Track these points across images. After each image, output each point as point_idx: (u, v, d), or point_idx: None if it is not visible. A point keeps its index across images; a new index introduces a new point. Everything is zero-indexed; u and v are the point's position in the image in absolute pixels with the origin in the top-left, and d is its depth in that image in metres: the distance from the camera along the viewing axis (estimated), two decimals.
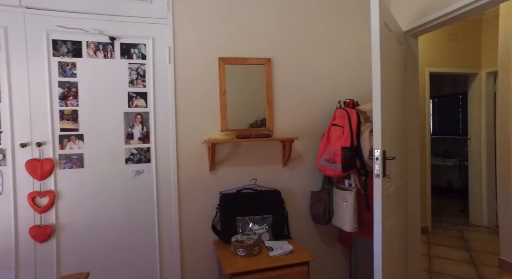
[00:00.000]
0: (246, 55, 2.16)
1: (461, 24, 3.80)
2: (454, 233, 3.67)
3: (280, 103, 2.22)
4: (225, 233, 1.99)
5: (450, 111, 5.99)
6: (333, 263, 2.35)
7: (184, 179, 2.06)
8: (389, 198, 1.78)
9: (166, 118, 2.02)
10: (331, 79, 2.32)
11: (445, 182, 5.75)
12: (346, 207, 1.99)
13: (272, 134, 2.18)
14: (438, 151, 6.15)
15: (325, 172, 2.04)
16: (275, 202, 2.08)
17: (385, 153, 1.68)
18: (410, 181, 2.38)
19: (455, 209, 4.71)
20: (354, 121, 1.97)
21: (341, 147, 1.94)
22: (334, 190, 2.13)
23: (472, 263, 2.88)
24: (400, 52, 2.17)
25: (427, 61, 3.69)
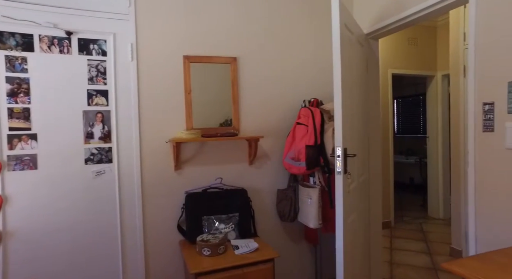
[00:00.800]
0: (212, 53, 2.15)
1: (419, 29, 4.03)
2: (414, 226, 3.88)
3: (246, 102, 2.23)
4: (190, 233, 1.97)
5: (412, 111, 6.32)
6: (299, 259, 2.40)
7: (148, 179, 2.01)
8: (350, 194, 1.85)
9: (129, 117, 1.96)
10: (297, 79, 2.37)
11: (408, 178, 6.07)
12: (311, 204, 2.04)
13: (238, 133, 2.19)
14: (402, 149, 6.47)
15: (290, 170, 2.08)
16: (242, 201, 2.09)
17: (346, 150, 1.75)
18: (372, 177, 2.49)
19: (416, 203, 4.98)
20: (317, 120, 2.03)
21: (305, 146, 1.98)
22: (299, 187, 2.17)
23: (429, 253, 3.07)
24: (361, 54, 2.26)
25: (389, 63, 3.87)
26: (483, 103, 1.58)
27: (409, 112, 6.40)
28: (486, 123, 1.57)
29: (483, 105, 1.58)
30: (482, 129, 1.58)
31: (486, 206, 1.58)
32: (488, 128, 1.56)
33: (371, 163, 2.47)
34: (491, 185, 1.55)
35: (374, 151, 2.50)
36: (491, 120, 1.55)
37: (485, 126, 1.57)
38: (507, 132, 1.47)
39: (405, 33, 3.94)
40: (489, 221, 1.57)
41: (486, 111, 1.57)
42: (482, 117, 1.59)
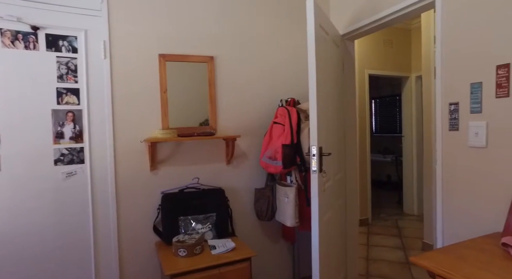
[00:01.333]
0: (189, 52, 2.12)
1: (394, 31, 4.15)
2: (390, 222, 4.00)
3: (223, 101, 2.22)
4: (167, 234, 1.94)
5: (389, 111, 6.51)
6: (277, 257, 2.42)
7: (123, 179, 1.96)
8: (326, 192, 1.88)
9: (102, 116, 1.91)
10: (274, 78, 2.38)
11: (385, 176, 6.25)
12: (288, 203, 2.06)
13: (216, 132, 2.17)
14: (379, 148, 6.65)
15: (268, 169, 2.09)
16: (219, 201, 2.08)
17: (321, 149, 1.77)
18: (348, 176, 2.54)
19: (392, 200, 5.13)
20: (294, 119, 2.05)
21: (282, 145, 2.00)
22: (276, 186, 2.19)
23: (403, 248, 3.17)
24: (337, 54, 2.30)
25: (366, 64, 3.96)
26: (449, 103, 1.65)
27: (386, 112, 6.58)
28: (452, 122, 1.64)
29: (449, 105, 1.65)
30: (448, 128, 1.65)
31: (451, 202, 1.65)
32: (454, 127, 1.63)
33: (347, 161, 2.53)
34: (456, 181, 1.62)
35: (350, 150, 2.55)
36: (456, 119, 1.61)
37: (451, 125, 1.64)
38: (469, 131, 1.54)
39: (381, 35, 4.05)
40: (454, 216, 1.64)
41: (451, 111, 1.64)
42: (448, 116, 1.65)
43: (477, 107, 1.52)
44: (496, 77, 1.44)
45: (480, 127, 1.50)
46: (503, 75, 1.42)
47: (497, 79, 1.44)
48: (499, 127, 1.43)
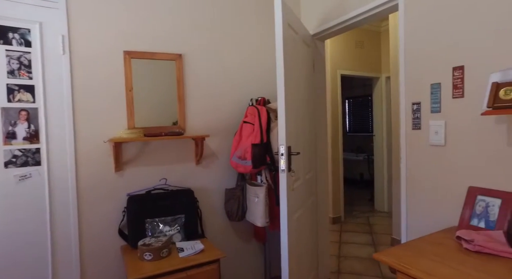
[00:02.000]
0: (156, 49, 2.05)
1: (365, 33, 4.26)
2: (362, 220, 4.10)
3: (192, 100, 2.17)
4: (133, 237, 1.87)
5: (362, 111, 6.68)
6: (249, 257, 2.40)
7: (86, 182, 1.87)
8: (295, 191, 1.88)
9: (61, 115, 1.80)
10: (244, 77, 2.36)
11: (358, 174, 6.41)
12: (258, 202, 2.04)
13: (184, 132, 2.12)
14: (353, 147, 6.81)
15: (237, 169, 2.07)
16: (188, 202, 2.02)
17: (290, 149, 1.77)
18: (320, 175, 2.57)
19: (365, 198, 5.27)
20: (264, 119, 2.04)
21: (251, 144, 1.98)
22: (247, 186, 2.17)
23: (373, 244, 3.25)
24: (308, 54, 2.32)
25: (338, 65, 4.04)
26: (412, 102, 1.70)
27: (359, 112, 6.75)
28: (414, 121, 1.69)
29: (412, 104, 1.70)
30: (412, 127, 1.70)
31: (415, 198, 1.70)
32: (416, 126, 1.68)
33: (318, 161, 2.55)
34: (419, 178, 1.67)
35: (322, 149, 2.58)
36: (419, 118, 1.66)
37: (414, 124, 1.69)
38: (430, 129, 1.60)
39: (352, 36, 4.14)
40: (417, 212, 1.69)
41: (414, 110, 1.69)
42: (411, 116, 1.70)
43: (437, 107, 1.58)
44: (453, 78, 1.50)
45: (439, 126, 1.56)
46: (458, 77, 1.48)
47: (453, 80, 1.50)
48: (456, 126, 1.49)
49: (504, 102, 1.18)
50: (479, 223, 1.35)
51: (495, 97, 1.21)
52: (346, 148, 6.79)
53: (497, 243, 1.20)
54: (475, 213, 1.38)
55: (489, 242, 1.19)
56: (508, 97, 1.17)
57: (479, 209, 1.38)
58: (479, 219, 1.36)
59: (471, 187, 1.43)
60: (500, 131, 1.33)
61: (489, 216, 1.34)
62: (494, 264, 1.08)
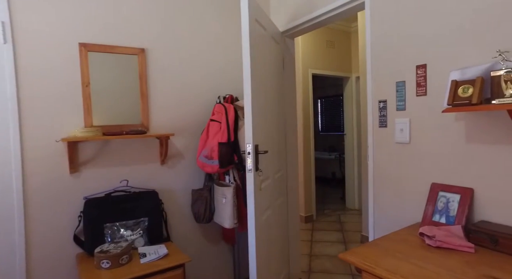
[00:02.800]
0: (116, 43, 1.93)
1: (336, 33, 4.32)
2: (334, 218, 4.15)
3: (157, 97, 2.06)
4: (90, 244, 1.74)
5: (334, 110, 6.79)
6: (218, 260, 2.33)
7: (35, 185, 1.71)
8: (263, 191, 1.84)
9: (4, 113, 1.63)
10: (212, 74, 2.28)
11: (330, 173, 6.51)
12: (225, 203, 1.98)
13: (148, 130, 2.01)
14: (325, 146, 6.92)
15: (204, 168, 1.99)
16: (152, 204, 1.92)
17: (257, 147, 1.72)
18: (290, 174, 2.54)
19: (336, 196, 5.35)
20: (231, 116, 1.97)
21: (218, 143, 1.91)
22: (214, 187, 2.09)
23: (344, 242, 3.29)
24: (277, 51, 2.28)
25: (310, 64, 4.05)
26: (379, 100, 1.70)
27: (331, 111, 6.86)
28: (381, 119, 1.70)
29: (379, 102, 1.70)
30: (378, 125, 1.71)
31: (382, 196, 1.71)
32: (383, 124, 1.69)
33: (288, 160, 2.53)
34: (386, 176, 1.68)
35: (292, 148, 2.56)
36: (385, 116, 1.67)
37: (381, 122, 1.70)
38: (396, 127, 1.61)
39: (323, 36, 4.18)
40: (384, 209, 1.70)
41: (381, 108, 1.70)
42: (378, 113, 1.71)
43: (402, 104, 1.59)
44: (416, 76, 1.52)
45: (404, 124, 1.57)
46: (422, 75, 1.50)
47: (417, 78, 1.52)
48: (420, 123, 1.51)
49: (462, 100, 1.20)
50: (441, 218, 1.38)
51: (455, 94, 1.22)
52: (318, 147, 6.89)
53: (455, 237, 1.21)
54: (437, 209, 1.40)
55: (448, 237, 1.21)
56: (465, 95, 1.19)
57: (440, 205, 1.40)
58: (440, 215, 1.38)
59: (433, 183, 1.45)
60: (459, 128, 1.36)
61: (449, 211, 1.36)
62: (452, 259, 1.09)
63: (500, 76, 1.12)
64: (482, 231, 1.19)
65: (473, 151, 1.31)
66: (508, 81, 1.09)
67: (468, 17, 1.30)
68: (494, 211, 1.26)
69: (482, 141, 1.28)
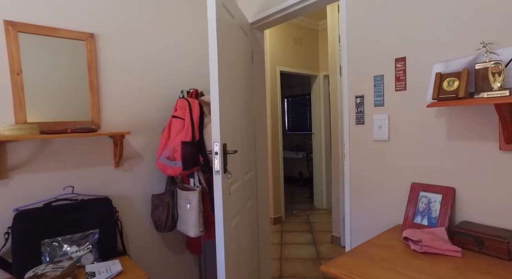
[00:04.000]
0: (58, 24, 1.63)
1: (304, 30, 4.26)
2: (303, 218, 4.08)
3: (110, 90, 1.80)
4: (20, 267, 1.43)
5: (300, 109, 6.78)
6: (182, 272, 2.10)
7: None
8: (233, 195, 1.66)
9: None
10: (175, 65, 2.06)
11: (297, 173, 6.49)
12: (190, 209, 1.77)
13: (99, 128, 1.74)
14: (292, 145, 6.89)
15: (165, 171, 1.77)
16: (104, 213, 1.65)
17: (225, 147, 1.54)
18: (259, 175, 2.39)
19: (304, 196, 5.32)
20: (196, 113, 1.77)
21: (181, 142, 1.70)
22: (177, 191, 1.88)
23: (314, 243, 3.21)
24: (246, 42, 2.11)
25: (278, 61, 3.94)
26: (355, 96, 1.60)
27: (298, 111, 6.84)
28: (358, 115, 1.60)
29: (356, 98, 1.60)
30: (355, 122, 1.61)
31: (359, 196, 1.61)
32: (360, 121, 1.59)
33: (258, 160, 2.37)
34: (363, 176, 1.58)
35: (261, 148, 2.41)
36: (362, 112, 1.58)
37: (358, 119, 1.60)
38: (374, 124, 1.52)
39: (291, 32, 4.09)
40: (362, 211, 1.60)
41: (358, 104, 1.60)
42: (355, 110, 1.61)
43: (380, 100, 1.50)
44: (395, 70, 1.44)
45: (383, 120, 1.48)
46: (401, 69, 1.42)
47: (396, 72, 1.43)
48: (399, 120, 1.43)
49: (448, 93, 1.12)
50: (422, 220, 1.30)
51: (439, 88, 1.14)
52: (285, 146, 6.85)
53: (440, 241, 1.14)
54: (418, 210, 1.32)
55: (434, 241, 1.12)
56: (451, 88, 1.11)
57: (421, 206, 1.32)
58: (422, 216, 1.31)
59: (414, 183, 1.37)
60: (440, 124, 1.29)
61: (431, 212, 1.29)
62: (441, 265, 1.00)
63: (486, 68, 1.05)
64: (466, 233, 1.12)
65: (455, 148, 1.25)
66: (496, 74, 1.02)
67: (449, 7, 1.23)
68: (476, 211, 1.20)
69: (465, 138, 1.22)
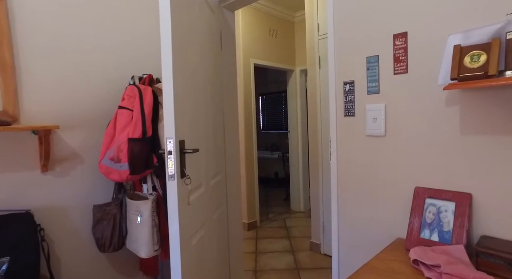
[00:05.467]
0: None
1: (279, 22, 3.98)
2: (279, 223, 3.79)
3: (33, 72, 1.39)
4: None
5: (275, 107, 6.53)
6: None
7: None
8: (193, 206, 1.32)
9: None
10: (124, 45, 1.68)
11: (273, 173, 6.22)
12: (141, 223, 1.41)
13: (16, 120, 1.33)
14: (267, 145, 6.62)
15: (109, 176, 1.39)
16: (18, 234, 1.25)
17: (183, 144, 1.20)
18: (231, 178, 2.06)
19: (280, 198, 5.04)
20: (148, 103, 1.41)
21: (128, 139, 1.34)
22: (127, 200, 1.50)
23: (292, 251, 2.93)
24: (213, 23, 1.78)
25: (251, 53, 3.63)
26: (344, 82, 1.32)
27: (273, 109, 6.58)
28: (347, 106, 1.32)
29: (344, 84, 1.32)
30: (344, 114, 1.33)
31: (348, 202, 1.33)
32: (350, 112, 1.31)
33: (228, 160, 2.04)
34: (354, 178, 1.31)
35: (233, 147, 2.08)
36: (352, 102, 1.30)
37: (347, 110, 1.32)
38: (367, 115, 1.24)
39: (266, 23, 3.80)
40: (352, 219, 1.32)
41: (347, 92, 1.32)
42: (343, 99, 1.33)
43: (375, 86, 1.23)
44: (394, 49, 1.17)
45: (378, 111, 1.21)
46: (401, 47, 1.15)
47: (394, 51, 1.17)
48: (398, 110, 1.16)
49: (472, 71, 0.85)
50: (432, 235, 1.03)
51: (460, 65, 0.88)
52: (260, 146, 6.56)
53: (461, 265, 0.87)
54: (425, 222, 1.06)
55: (454, 266, 0.86)
56: (476, 65, 0.85)
57: (429, 216, 1.06)
58: (431, 230, 1.04)
59: (418, 188, 1.11)
60: (452, 114, 1.03)
61: (442, 225, 1.03)
62: None
63: None
64: (496, 255, 0.86)
65: (471, 144, 1.00)
66: None
67: None
68: (500, 223, 0.95)
69: (484, 130, 0.96)
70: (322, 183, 2.81)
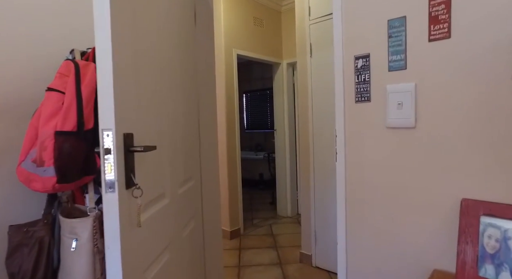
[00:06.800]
0: None
1: (265, 10, 3.64)
2: (265, 230, 3.44)
3: None
4: None
5: (260, 105, 6.18)
6: None
7: None
8: (146, 228, 0.95)
9: None
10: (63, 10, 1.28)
11: (257, 175, 5.87)
12: (77, 250, 1.01)
13: None
14: (251, 145, 6.26)
15: (31, 184, 0.99)
16: None
17: (130, 139, 0.83)
18: (207, 182, 1.69)
19: (265, 201, 4.70)
20: (88, 83, 1.02)
21: (55, 132, 0.94)
22: (60, 218, 1.10)
23: (279, 263, 2.59)
24: None
25: (234, 43, 3.27)
26: (355, 56, 0.98)
27: (257, 107, 6.24)
28: (359, 88, 0.98)
29: (355, 60, 0.98)
30: (355, 99, 0.99)
31: (361, 220, 0.99)
32: (363, 97, 0.97)
33: (204, 162, 1.67)
34: (369, 184, 0.97)
35: (208, 146, 1.71)
36: (367, 82, 0.96)
37: (359, 94, 0.98)
38: (389, 100, 0.91)
39: (251, 11, 3.45)
40: (367, 242, 0.98)
41: (359, 69, 0.98)
42: (354, 79, 0.99)
43: (400, 60, 0.89)
44: (429, 5, 0.84)
45: (405, 94, 0.88)
46: (441, 1, 0.82)
47: (430, 8, 0.84)
48: (436, 93, 0.83)
49: None
50: (499, 274, 0.70)
51: None
52: (244, 146, 6.19)
53: None
54: (485, 253, 0.73)
55: None
56: None
57: (490, 243, 0.73)
58: (496, 265, 0.71)
59: (466, 200, 0.78)
60: None
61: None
62: None
63: None
64: None
65: None
66: None
67: None
68: None
69: None
70: (314, 186, 2.48)
